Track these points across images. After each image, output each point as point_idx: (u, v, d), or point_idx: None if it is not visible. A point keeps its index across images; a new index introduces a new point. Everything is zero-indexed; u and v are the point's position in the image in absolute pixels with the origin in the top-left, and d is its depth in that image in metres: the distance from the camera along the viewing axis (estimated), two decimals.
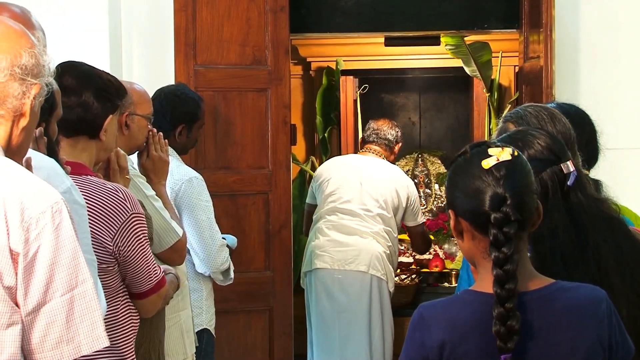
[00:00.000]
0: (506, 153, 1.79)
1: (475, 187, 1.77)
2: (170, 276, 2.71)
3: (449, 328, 1.78)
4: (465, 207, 1.79)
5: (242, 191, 4.50)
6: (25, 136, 1.73)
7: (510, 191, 1.75)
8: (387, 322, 4.60)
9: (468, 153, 1.83)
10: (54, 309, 1.60)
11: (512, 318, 1.71)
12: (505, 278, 1.72)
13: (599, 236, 2.02)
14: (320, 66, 6.12)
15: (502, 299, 1.72)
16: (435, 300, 1.89)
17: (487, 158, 1.78)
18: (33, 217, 1.58)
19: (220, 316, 3.84)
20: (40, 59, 1.69)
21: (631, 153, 4.60)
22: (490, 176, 1.77)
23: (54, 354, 1.61)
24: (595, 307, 1.81)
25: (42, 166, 1.95)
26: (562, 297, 1.80)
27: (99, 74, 2.59)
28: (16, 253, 1.57)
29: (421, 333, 1.81)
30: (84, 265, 1.64)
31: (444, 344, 1.77)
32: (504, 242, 1.73)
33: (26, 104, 1.68)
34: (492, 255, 1.74)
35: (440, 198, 6.27)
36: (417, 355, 1.81)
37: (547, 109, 2.29)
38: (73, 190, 2.02)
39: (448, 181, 1.86)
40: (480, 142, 1.87)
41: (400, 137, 4.93)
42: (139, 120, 3.09)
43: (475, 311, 1.78)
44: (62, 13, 4.48)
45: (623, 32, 4.72)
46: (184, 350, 3.24)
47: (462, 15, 4.92)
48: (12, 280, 1.57)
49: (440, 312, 1.83)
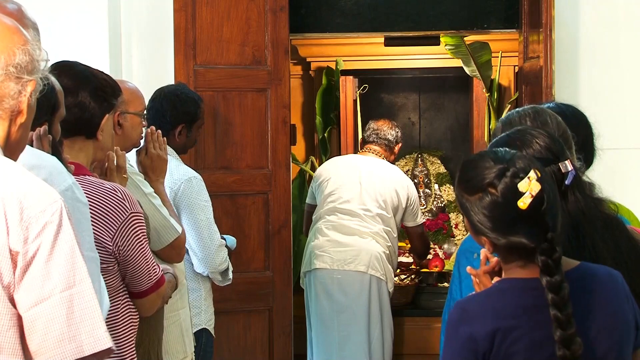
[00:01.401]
0: (534, 182, 1.80)
1: (517, 228, 1.81)
2: (169, 275, 2.72)
3: (496, 316, 1.81)
4: (509, 246, 1.83)
5: (241, 191, 4.50)
6: (23, 132, 1.72)
7: (551, 220, 1.80)
8: (387, 323, 4.60)
9: (495, 190, 1.82)
10: (53, 305, 1.58)
11: (575, 343, 1.76)
12: (563, 303, 1.77)
13: (596, 235, 2.03)
14: (320, 66, 6.12)
15: (564, 324, 1.76)
16: (470, 295, 1.94)
17: (521, 197, 1.79)
18: (32, 217, 1.57)
19: (220, 316, 3.84)
20: (34, 54, 1.68)
21: (631, 153, 4.60)
22: (529, 213, 1.80)
23: (56, 352, 1.58)
24: (621, 284, 1.90)
25: (44, 164, 1.95)
26: (592, 277, 1.87)
27: (94, 74, 2.60)
28: (15, 252, 1.56)
29: (467, 327, 1.82)
30: (82, 265, 1.63)
31: (495, 333, 1.79)
32: (554, 269, 1.78)
33: (23, 102, 1.68)
34: (543, 280, 1.79)
35: (440, 198, 6.26)
36: (465, 350, 1.81)
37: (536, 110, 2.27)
38: (75, 188, 2.01)
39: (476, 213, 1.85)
40: (500, 170, 1.84)
41: (400, 138, 4.93)
42: (132, 118, 3.08)
43: (516, 296, 1.82)
44: (62, 13, 4.49)
45: (623, 32, 4.71)
46: (184, 348, 3.24)
47: (462, 15, 4.92)
48: (10, 280, 1.56)
49: (485, 303, 1.85)
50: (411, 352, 5.16)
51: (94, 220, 2.39)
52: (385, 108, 6.47)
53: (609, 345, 1.84)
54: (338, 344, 4.53)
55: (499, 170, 1.84)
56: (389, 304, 4.62)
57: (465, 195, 1.88)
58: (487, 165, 1.86)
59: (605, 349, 1.83)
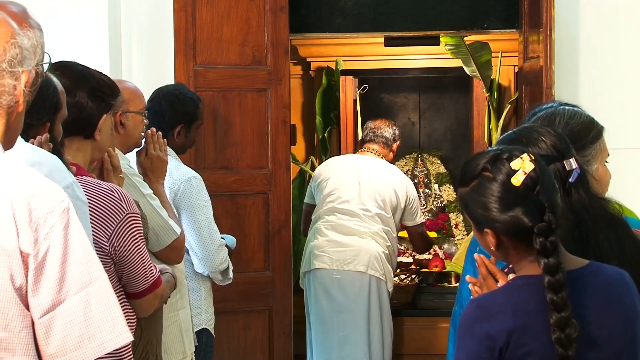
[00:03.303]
0: (527, 162, 1.82)
1: (512, 206, 1.81)
2: (167, 275, 2.71)
3: (514, 313, 1.81)
4: (507, 228, 1.83)
5: (241, 191, 4.50)
6: (20, 120, 1.72)
7: (546, 199, 1.81)
8: (386, 323, 4.60)
9: (490, 172, 1.84)
10: (70, 307, 1.57)
11: (570, 326, 1.75)
12: (558, 286, 1.77)
13: (600, 234, 2.02)
14: (320, 66, 6.12)
15: (559, 306, 1.76)
16: (486, 292, 1.93)
17: (514, 174, 1.81)
18: (41, 217, 1.56)
19: (220, 316, 3.84)
20: (23, 44, 1.66)
21: (631, 153, 4.60)
22: (523, 191, 1.80)
23: (77, 354, 1.58)
24: (630, 282, 1.90)
25: (44, 162, 1.95)
26: (601, 275, 1.87)
27: (92, 74, 2.60)
28: (26, 254, 1.55)
29: (484, 324, 1.81)
30: (97, 261, 1.62)
31: (513, 329, 1.79)
32: (552, 250, 1.78)
33: (19, 94, 1.67)
34: (541, 263, 1.79)
35: (440, 198, 6.26)
36: (482, 347, 1.81)
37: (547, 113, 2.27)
38: (75, 187, 2.01)
39: (473, 202, 1.86)
40: (493, 155, 1.86)
41: (398, 136, 4.93)
42: (133, 117, 3.09)
43: (533, 292, 1.82)
44: (62, 13, 4.49)
45: (623, 32, 4.71)
46: (183, 349, 3.24)
47: (462, 15, 4.92)
48: (22, 282, 1.55)
49: (501, 300, 1.84)
50: (411, 352, 5.16)
51: (91, 220, 2.39)
52: (385, 108, 6.47)
53: (623, 342, 1.83)
54: (337, 344, 4.53)
55: (492, 156, 1.86)
56: (389, 304, 4.62)
57: (462, 188, 1.89)
58: (481, 155, 1.89)
59: (619, 347, 1.83)
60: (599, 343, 1.81)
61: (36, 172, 1.64)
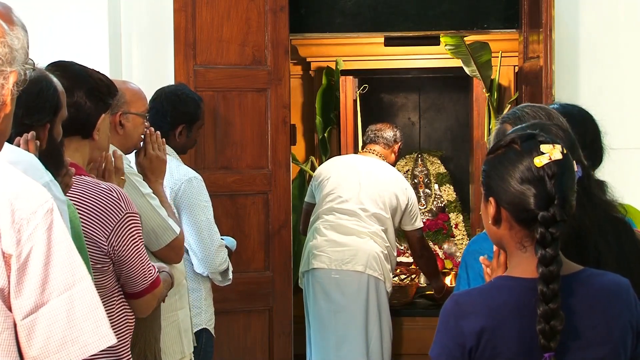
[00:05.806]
0: (557, 151, 1.81)
1: (525, 182, 1.80)
2: (164, 274, 2.71)
3: (488, 314, 1.80)
4: (511, 200, 1.81)
5: (241, 191, 4.50)
6: (7, 123, 1.68)
7: (559, 192, 1.79)
8: (385, 323, 4.60)
9: (518, 145, 1.84)
10: (53, 309, 1.55)
11: (557, 318, 1.74)
12: (550, 277, 1.75)
13: (600, 236, 2.02)
14: (320, 66, 6.12)
15: (548, 298, 1.75)
16: (468, 289, 1.94)
17: (539, 155, 1.80)
18: (24, 218, 1.54)
19: (220, 316, 3.84)
20: (13, 44, 1.63)
21: (631, 153, 4.60)
22: (541, 174, 1.79)
23: (60, 356, 1.56)
24: (625, 292, 1.87)
25: (20, 160, 1.90)
26: (595, 282, 1.85)
27: (90, 74, 2.59)
28: (8, 255, 1.53)
29: (458, 320, 1.81)
30: (80, 263, 1.61)
31: (483, 330, 1.78)
32: (550, 242, 1.77)
33: (6, 95, 1.64)
34: (537, 254, 1.77)
35: (440, 198, 6.26)
36: (453, 343, 1.81)
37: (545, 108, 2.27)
38: (52, 186, 1.96)
39: (491, 168, 1.86)
40: (529, 133, 1.87)
41: (399, 137, 4.95)
42: (134, 118, 3.08)
43: (512, 296, 1.81)
44: (62, 13, 4.49)
45: (623, 32, 4.71)
46: (181, 349, 3.24)
47: (462, 15, 4.92)
48: (4, 284, 1.53)
49: (478, 299, 1.84)
50: (410, 352, 5.16)
51: (89, 220, 2.39)
52: (385, 108, 6.47)
53: (607, 350, 1.82)
54: (335, 344, 4.53)
55: (527, 133, 1.87)
56: (387, 304, 4.62)
57: (489, 156, 1.88)
58: (518, 130, 1.90)
59: (603, 354, 1.82)
60: (582, 347, 1.80)
61: (19, 172, 1.62)
